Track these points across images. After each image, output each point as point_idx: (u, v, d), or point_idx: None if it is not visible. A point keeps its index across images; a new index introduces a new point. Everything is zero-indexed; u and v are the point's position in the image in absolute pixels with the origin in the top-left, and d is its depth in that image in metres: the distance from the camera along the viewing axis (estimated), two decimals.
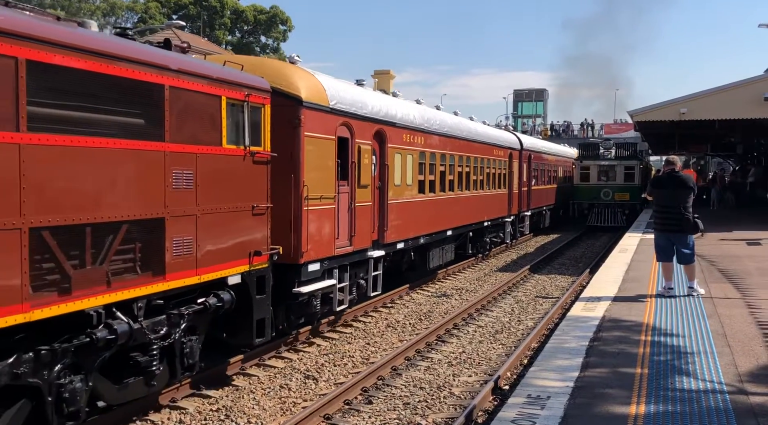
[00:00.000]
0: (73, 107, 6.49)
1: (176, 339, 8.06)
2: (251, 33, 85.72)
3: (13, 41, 5.78)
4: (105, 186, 6.82)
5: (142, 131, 7.35)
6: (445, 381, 10.00)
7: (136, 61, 7.21)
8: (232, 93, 8.86)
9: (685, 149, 37.21)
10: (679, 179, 11.33)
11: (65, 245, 6.35)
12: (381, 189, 14.28)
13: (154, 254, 7.51)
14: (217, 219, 8.62)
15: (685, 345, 8.38)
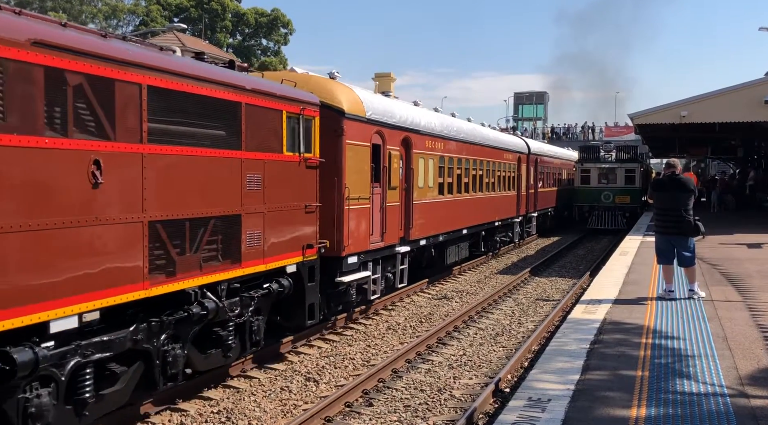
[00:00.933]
0: (176, 123, 7.92)
1: (247, 318, 9.53)
2: (252, 36, 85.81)
3: (138, 71, 7.27)
4: (199, 187, 8.29)
5: (225, 142, 8.84)
6: (446, 384, 10.00)
7: (222, 83, 8.75)
8: (290, 107, 10.42)
9: (685, 151, 37.22)
10: (680, 181, 11.34)
11: (171, 236, 7.80)
12: (407, 191, 15.61)
13: (233, 245, 9.00)
14: (279, 216, 10.13)
15: (685, 348, 8.38)
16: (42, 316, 6.16)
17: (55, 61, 6.28)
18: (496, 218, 23.42)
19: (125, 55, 7.20)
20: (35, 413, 6.23)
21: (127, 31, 73.26)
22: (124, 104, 7.12)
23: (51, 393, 6.41)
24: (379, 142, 14.01)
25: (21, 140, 5.93)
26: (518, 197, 26.74)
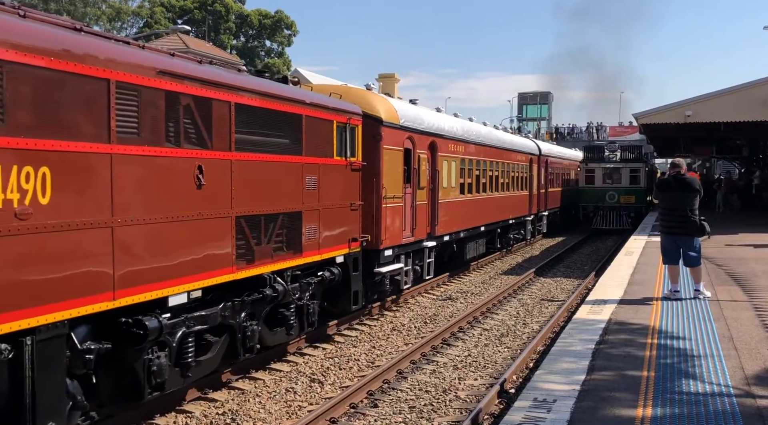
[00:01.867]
0: (254, 133, 9.39)
1: (305, 302, 10.99)
2: (256, 37, 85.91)
3: (228, 91, 8.75)
4: (270, 188, 9.75)
5: (289, 149, 10.28)
6: (451, 385, 9.98)
7: (288, 98, 10.27)
8: (339, 117, 11.92)
9: (690, 151, 37.16)
10: (685, 181, 11.31)
11: (251, 229, 9.27)
12: (432, 190, 16.93)
13: (295, 238, 10.48)
14: (330, 213, 11.62)
15: (691, 348, 8.36)
16: (164, 292, 7.64)
17: (172, 87, 7.73)
18: (510, 217, 24.71)
19: (219, 79, 8.69)
20: (156, 371, 7.63)
21: (131, 33, 73.48)
22: (218, 119, 8.60)
23: (166, 356, 7.78)
24: (409, 146, 15.43)
25: (150, 150, 7.39)
26: (530, 197, 27.87)
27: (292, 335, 10.85)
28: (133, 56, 7.38)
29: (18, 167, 5.80)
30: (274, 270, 9.93)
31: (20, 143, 5.83)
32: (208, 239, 8.38)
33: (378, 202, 13.68)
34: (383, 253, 13.99)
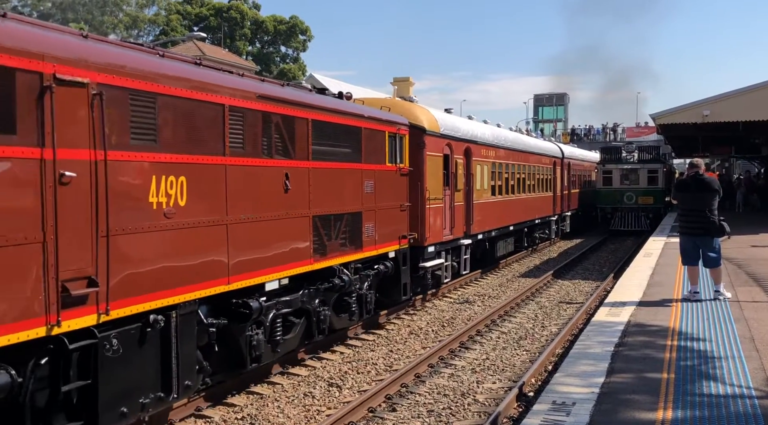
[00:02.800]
0: (325, 144, 10.85)
1: (364, 292, 12.46)
2: (271, 43, 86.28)
3: (307, 110, 10.30)
4: (337, 191, 11.23)
5: (351, 157, 11.79)
6: (469, 388, 9.95)
7: (350, 113, 11.89)
8: (390, 128, 13.37)
9: (708, 151, 36.81)
10: (704, 181, 11.21)
11: (324, 227, 10.75)
12: (467, 192, 18.30)
13: (356, 235, 11.91)
14: (384, 213, 13.06)
15: (711, 350, 8.28)
16: (262, 279, 9.17)
17: (266, 108, 9.24)
18: (536, 217, 26.09)
19: (300, 99, 10.24)
20: (255, 345, 9.16)
21: (148, 40, 74.00)
22: (299, 134, 10.10)
23: (262, 334, 9.32)
24: (448, 152, 16.76)
25: (251, 161, 8.92)
26: (554, 198, 29.18)
27: (353, 320, 12.45)
28: (239, 84, 8.95)
29: (165, 176, 7.32)
30: (341, 262, 11.46)
31: (167, 158, 7.37)
32: (292, 235, 9.97)
33: (422, 203, 15.09)
34: (427, 249, 15.40)
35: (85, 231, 6.27)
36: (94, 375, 6.41)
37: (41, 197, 5.85)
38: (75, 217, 6.18)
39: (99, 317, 6.43)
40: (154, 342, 7.26)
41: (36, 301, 5.80)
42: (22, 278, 5.72)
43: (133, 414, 6.93)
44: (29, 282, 5.75)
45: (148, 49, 7.79)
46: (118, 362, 6.71)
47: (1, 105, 5.60)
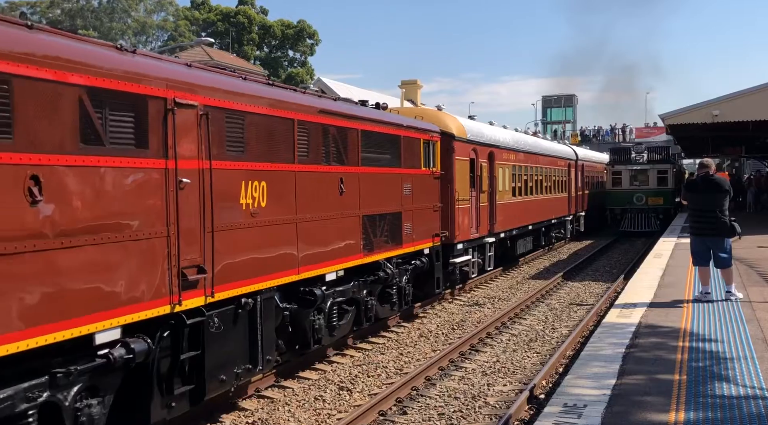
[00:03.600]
0: (371, 152, 12.16)
1: (403, 284, 13.69)
2: (279, 48, 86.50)
3: (358, 121, 11.71)
4: (380, 193, 12.48)
5: (391, 162, 13.12)
6: (480, 391, 9.93)
7: (392, 123, 13.29)
8: (424, 136, 14.64)
9: (719, 151, 36.63)
10: (714, 182, 11.16)
11: (370, 226, 12.00)
12: (491, 194, 19.48)
13: (397, 233, 13.16)
14: (420, 213, 14.28)
15: (723, 351, 8.23)
16: (323, 271, 10.41)
17: (325, 121, 10.59)
18: (553, 217, 27.30)
19: (352, 112, 11.75)
20: (317, 329, 10.53)
21: (156, 46, 74.37)
22: (351, 143, 11.42)
23: (322, 319, 10.64)
24: (473, 156, 17.99)
25: (314, 167, 10.18)
26: (569, 199, 30.33)
27: (394, 310, 13.75)
28: (304, 100, 10.28)
29: (251, 182, 8.64)
30: (385, 257, 12.72)
31: (252, 166, 8.69)
32: (346, 232, 11.21)
33: (452, 204, 16.23)
34: (456, 247, 16.60)
35: (196, 227, 7.64)
36: (202, 347, 7.73)
37: (165, 199, 7.17)
38: (189, 216, 7.52)
39: (206, 299, 7.78)
40: (244, 321, 8.61)
41: (163, 284, 7.14)
42: (154, 265, 7.05)
43: (229, 381, 8.28)
44: (159, 268, 7.10)
45: (233, 74, 9.28)
46: (219, 337, 8.00)
47: (138, 126, 6.87)
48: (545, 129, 71.17)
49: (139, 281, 6.83)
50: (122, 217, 6.68)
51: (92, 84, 6.33)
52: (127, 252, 6.71)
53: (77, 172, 6.16)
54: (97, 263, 6.38)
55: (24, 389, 5.76)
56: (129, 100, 6.80)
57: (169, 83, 7.30)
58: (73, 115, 6.15)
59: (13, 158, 5.57)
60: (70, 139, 6.12)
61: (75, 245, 6.12)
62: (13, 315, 5.58)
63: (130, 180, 6.80)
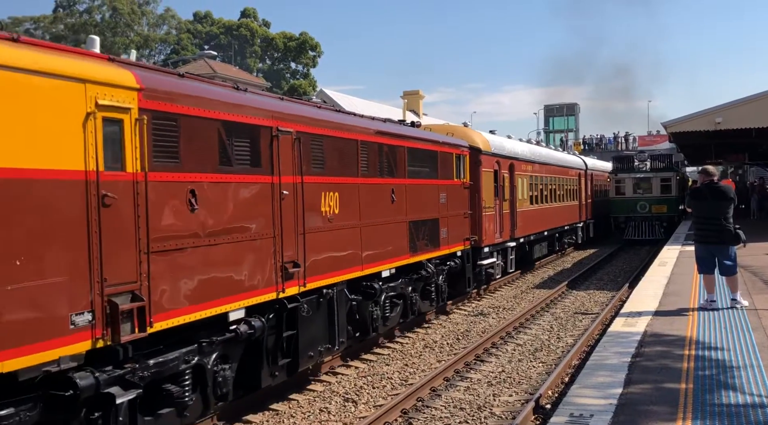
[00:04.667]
0: (414, 165, 14.02)
1: (440, 283, 15.55)
2: (281, 60, 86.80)
3: (404, 140, 13.68)
4: (421, 202, 14.24)
5: (430, 175, 14.91)
6: (486, 401, 9.89)
7: (430, 140, 15.26)
8: (456, 150, 16.52)
9: (722, 158, 36.55)
10: (719, 189, 11.13)
11: (415, 230, 13.76)
12: (512, 202, 21.18)
13: (435, 237, 14.91)
14: (453, 220, 16.04)
15: (730, 359, 8.19)
16: (380, 268, 12.36)
17: (380, 140, 12.60)
18: (565, 224, 29.03)
19: (400, 132, 13.76)
20: (375, 318, 12.39)
21: (159, 59, 74.69)
22: (399, 158, 13.37)
23: (378, 310, 12.53)
24: (497, 168, 19.75)
25: (372, 180, 12.14)
26: (579, 206, 31.99)
27: (433, 306, 15.44)
28: (364, 123, 12.51)
29: (328, 192, 10.51)
30: (426, 258, 14.47)
31: (329, 180, 10.50)
32: (397, 235, 13.09)
33: (479, 211, 17.93)
34: (483, 250, 18.34)
35: (292, 230, 9.47)
36: (297, 328, 9.59)
37: (272, 208, 9.03)
38: (288, 220, 9.35)
39: (299, 288, 9.59)
40: (324, 308, 10.49)
41: (272, 275, 8.98)
42: (266, 260, 8.89)
43: (315, 357, 10.28)
44: (269, 263, 8.95)
45: (312, 103, 11.64)
46: (308, 320, 9.88)
47: (253, 150, 8.77)
48: (547, 138, 71.15)
49: (256, 272, 8.68)
50: (245, 222, 8.52)
51: (225, 118, 8.23)
52: (249, 249, 8.56)
53: (217, 187, 8.03)
54: (231, 257, 8.22)
55: (183, 353, 7.54)
56: (247, 129, 8.68)
57: (274, 115, 9.24)
58: (214, 142, 8.06)
59: (180, 177, 7.44)
60: (212, 161, 7.99)
61: (217, 243, 7.98)
62: (181, 295, 7.38)
63: (249, 193, 8.63)
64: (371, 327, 12.30)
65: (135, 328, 6.66)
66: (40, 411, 5.98)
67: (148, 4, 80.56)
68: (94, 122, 6.38)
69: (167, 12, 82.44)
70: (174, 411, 7.41)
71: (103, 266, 6.35)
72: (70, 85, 6.19)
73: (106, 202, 6.41)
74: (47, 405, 6.04)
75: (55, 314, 5.95)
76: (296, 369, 9.73)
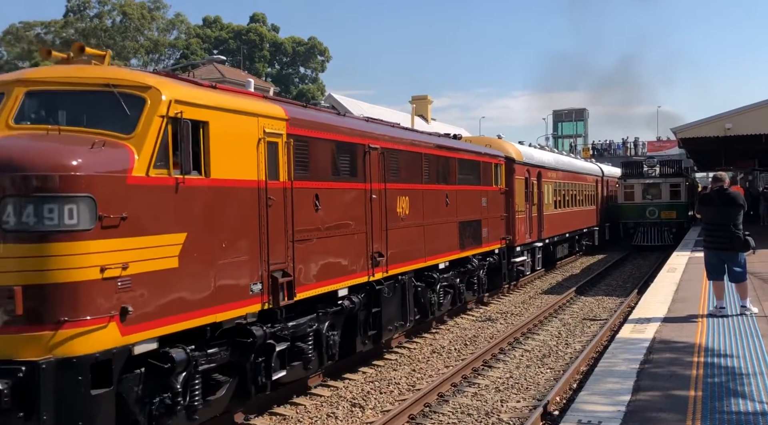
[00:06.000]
0: (463, 173, 16.17)
1: (482, 276, 17.66)
2: (290, 64, 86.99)
3: (455, 152, 15.92)
4: (468, 205, 16.33)
5: (474, 181, 17.06)
6: (493, 407, 9.86)
7: (475, 152, 17.51)
8: (494, 160, 18.78)
9: (732, 164, 36.40)
10: (729, 196, 11.07)
11: (463, 229, 15.86)
12: (539, 206, 23.23)
13: (478, 235, 16.99)
14: (492, 221, 18.15)
15: (739, 366, 8.15)
16: (437, 261, 14.49)
17: (438, 153, 14.92)
18: (584, 227, 31.12)
19: (453, 145, 16.11)
20: (433, 303, 14.50)
21: (169, 64, 74.92)
22: (451, 168, 15.56)
23: (435, 296, 14.62)
24: (527, 176, 21.92)
25: (431, 186, 14.30)
26: (597, 210, 33.73)
27: (474, 296, 17.63)
28: (426, 138, 14.97)
29: (402, 197, 12.86)
30: (471, 254, 16.58)
31: (402, 186, 12.85)
32: (449, 234, 15.17)
33: (513, 214, 19.92)
34: (516, 249, 20.34)
35: (378, 227, 11.79)
36: (380, 306, 11.85)
37: (365, 209, 11.35)
38: (376, 219, 11.70)
39: (383, 274, 11.93)
40: (399, 292, 12.65)
41: (364, 262, 11.29)
42: (361, 251, 11.19)
43: (393, 331, 12.64)
44: (363, 253, 11.26)
45: (388, 123, 13.80)
46: (388, 300, 12.15)
47: (352, 162, 11.04)
48: (556, 143, 71.02)
49: (355, 259, 10.99)
50: (347, 220, 10.81)
51: (335, 139, 10.63)
52: (350, 241, 10.88)
53: (331, 192, 10.30)
54: (339, 247, 10.53)
55: (307, 320, 9.73)
56: (349, 147, 11.03)
57: (365, 135, 11.60)
58: (328, 157, 10.46)
59: (310, 185, 9.72)
60: (328, 172, 10.37)
61: (331, 235, 10.27)
62: (310, 274, 9.66)
63: (351, 197, 10.99)
64: (430, 310, 14.36)
65: (285, 297, 8.91)
66: (230, 352, 8.18)
67: (158, 9, 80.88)
68: (263, 145, 8.67)
69: (177, 17, 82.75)
70: (301, 364, 9.68)
71: (269, 249, 8.61)
72: (250, 120, 8.53)
73: (269, 203, 8.67)
74: (233, 349, 8.22)
75: (242, 283, 8.19)
76: (380, 339, 12.12)
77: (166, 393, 7.17)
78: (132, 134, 6.94)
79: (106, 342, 6.42)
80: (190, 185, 7.38)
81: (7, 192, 6.18)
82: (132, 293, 6.66)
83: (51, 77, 7.48)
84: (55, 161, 6.34)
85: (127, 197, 6.69)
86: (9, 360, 6.08)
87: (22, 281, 6.10)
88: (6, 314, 6.11)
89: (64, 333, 6.20)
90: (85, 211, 6.35)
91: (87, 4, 76.85)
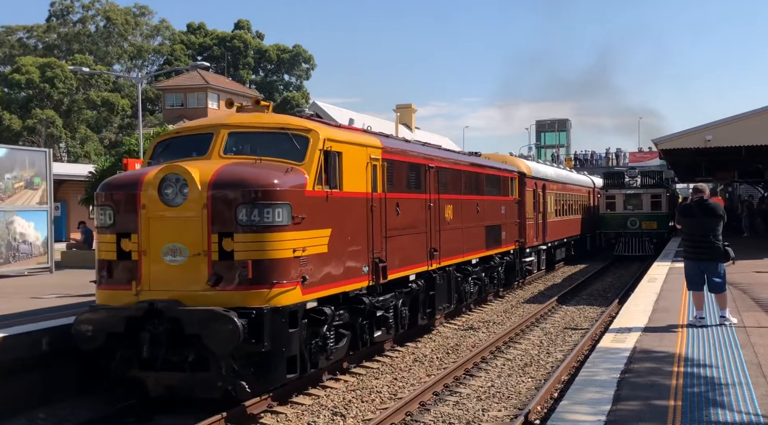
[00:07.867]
0: (488, 186, 19.77)
1: (500, 272, 20.90)
2: (275, 72, 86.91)
3: (482, 168, 19.94)
4: (492, 212, 19.77)
5: (496, 193, 20.52)
6: (475, 416, 9.86)
7: (496, 168, 21.18)
8: (509, 175, 22.28)
9: (712, 175, 36.78)
10: (709, 206, 11.16)
11: (489, 232, 19.35)
12: (544, 214, 26.85)
13: (498, 238, 20.11)
14: (508, 226, 21.42)
15: (719, 376, 8.20)
16: (471, 257, 17.78)
17: (471, 169, 18.41)
18: (579, 233, 34.01)
19: (480, 163, 19.66)
20: (467, 292, 17.70)
21: (152, 70, 74.59)
22: (479, 182, 18.77)
23: (468, 286, 17.80)
24: (534, 188, 25.65)
25: (467, 197, 17.60)
26: (590, 219, 36.75)
27: (494, 289, 20.75)
28: (462, 158, 18.48)
29: (447, 205, 15.88)
30: (494, 253, 19.81)
31: (449, 196, 16.08)
32: (478, 235, 18.32)
33: (524, 220, 23.27)
34: (526, 250, 23.67)
35: (434, 228, 14.99)
36: (434, 290, 14.93)
37: (426, 214, 14.71)
38: (433, 222, 14.97)
39: (437, 265, 14.99)
40: (446, 280, 15.69)
41: (425, 255, 14.54)
42: (422, 246, 14.43)
43: (442, 310, 15.82)
44: (424, 248, 14.50)
45: (436, 146, 17.64)
46: (440, 286, 15.24)
47: (415, 177, 14.41)
48: (539, 153, 71.32)
49: (419, 253, 14.25)
50: (414, 222, 14.08)
51: (408, 160, 14.02)
52: (417, 239, 14.10)
53: (406, 201, 13.65)
54: (410, 243, 13.76)
55: (390, 296, 12.86)
56: (416, 167, 14.37)
57: (426, 157, 15.01)
58: (404, 174, 13.82)
59: (394, 195, 13.02)
60: (403, 185, 13.72)
61: (405, 234, 13.44)
62: (395, 263, 12.92)
63: (417, 205, 14.28)
64: (464, 298, 17.37)
65: (381, 277, 12.21)
66: (348, 315, 11.41)
67: (143, 15, 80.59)
68: (369, 167, 12.15)
69: (162, 23, 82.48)
70: (385, 330, 12.78)
71: (372, 242, 11.99)
72: (362, 149, 12.06)
73: (372, 209, 12.06)
74: (350, 313, 11.49)
75: (358, 265, 11.60)
76: (434, 316, 15.31)
77: (317, 338, 10.35)
78: (303, 162, 10.33)
79: (295, 298, 9.67)
80: (334, 196, 10.80)
81: (240, 201, 9.36)
82: (307, 267, 9.94)
83: (243, 123, 11.10)
84: (268, 180, 9.60)
85: (304, 204, 9.96)
86: (244, 307, 9.10)
87: (252, 257, 9.33)
88: (242, 278, 9.25)
89: (275, 291, 9.41)
90: (286, 212, 9.61)
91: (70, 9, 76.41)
